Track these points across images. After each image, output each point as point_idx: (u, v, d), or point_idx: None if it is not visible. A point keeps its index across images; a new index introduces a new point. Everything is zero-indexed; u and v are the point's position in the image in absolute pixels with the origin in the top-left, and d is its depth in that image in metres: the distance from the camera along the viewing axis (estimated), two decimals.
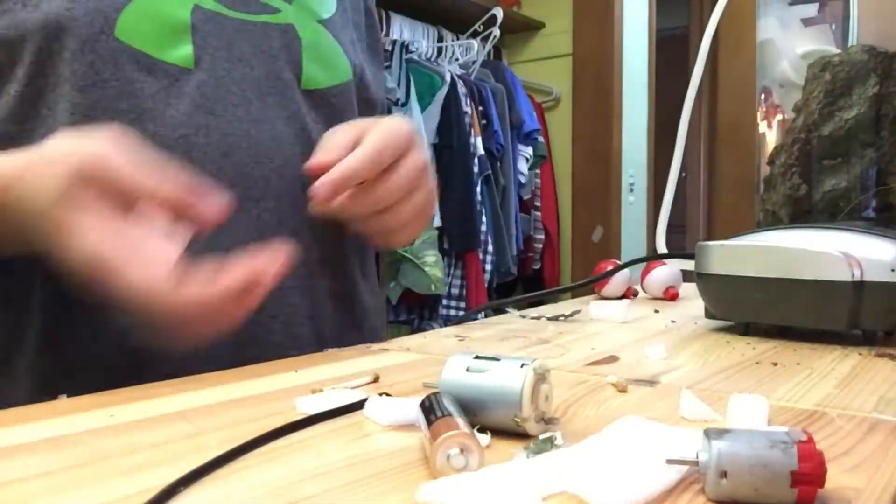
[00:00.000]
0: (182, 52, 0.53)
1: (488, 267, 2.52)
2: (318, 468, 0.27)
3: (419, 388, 0.39)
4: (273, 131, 0.56)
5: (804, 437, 0.24)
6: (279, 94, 0.57)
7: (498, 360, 0.31)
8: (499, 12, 2.73)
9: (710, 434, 0.25)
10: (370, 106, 0.68)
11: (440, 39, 2.64)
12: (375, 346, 0.53)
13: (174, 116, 0.52)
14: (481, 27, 2.74)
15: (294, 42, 0.59)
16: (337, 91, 0.62)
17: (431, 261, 2.02)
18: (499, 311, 0.70)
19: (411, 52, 2.48)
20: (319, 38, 0.61)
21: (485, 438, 0.30)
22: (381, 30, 2.44)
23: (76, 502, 0.24)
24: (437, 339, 0.56)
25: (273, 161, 0.56)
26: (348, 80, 0.63)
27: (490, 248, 2.53)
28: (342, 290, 0.61)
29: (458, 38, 2.71)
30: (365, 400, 0.35)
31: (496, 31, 2.74)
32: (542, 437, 0.29)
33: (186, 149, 0.52)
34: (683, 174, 4.17)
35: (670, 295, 0.79)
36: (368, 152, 0.50)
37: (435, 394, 0.30)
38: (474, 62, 2.74)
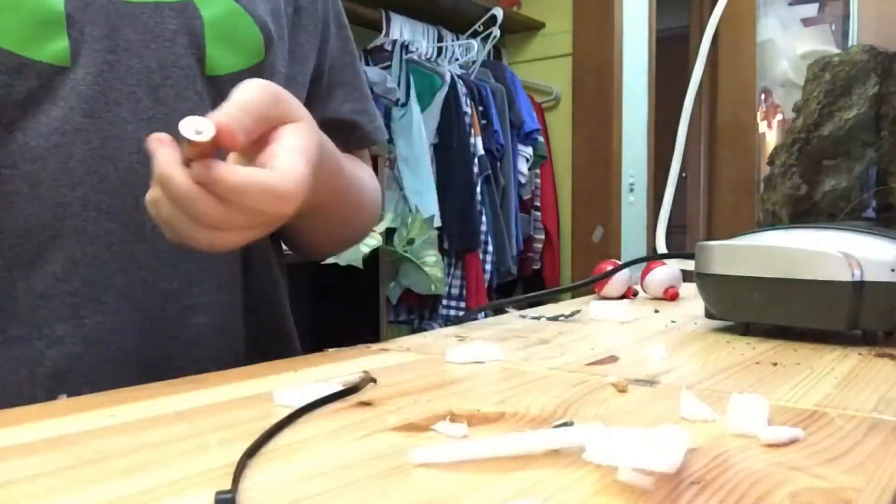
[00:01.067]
0: (56, 48, 0.46)
1: (488, 267, 2.52)
2: (319, 468, 0.27)
3: (419, 388, 0.39)
4: (168, 130, 0.46)
5: None
6: (176, 86, 0.50)
7: None
8: (499, 12, 2.73)
9: None
10: (293, 84, 0.59)
11: (440, 39, 2.64)
12: (375, 346, 0.53)
13: (46, 123, 0.46)
14: (481, 27, 2.74)
15: (194, 21, 0.51)
16: (246, 76, 0.54)
17: (431, 261, 2.02)
18: (499, 311, 0.70)
19: (411, 52, 2.48)
20: (227, 13, 0.52)
21: (461, 429, 0.30)
22: (382, 30, 2.45)
23: (76, 502, 0.24)
24: (437, 339, 0.56)
25: None
26: (259, 61, 0.54)
27: (490, 248, 2.53)
28: (256, 302, 0.57)
29: (458, 38, 2.71)
30: (353, 389, 0.35)
31: (496, 31, 2.74)
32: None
33: (62, 159, 0.46)
34: (683, 174, 4.17)
35: (670, 295, 0.79)
36: (293, 190, 0.40)
37: None
38: (474, 62, 2.74)
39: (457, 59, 2.68)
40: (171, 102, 0.50)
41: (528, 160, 2.80)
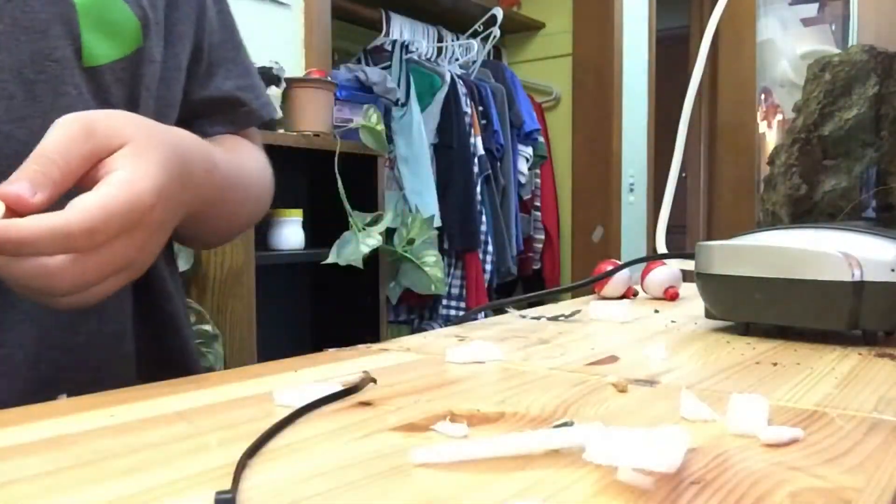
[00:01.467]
0: None
1: (488, 267, 2.52)
2: (319, 468, 0.27)
3: (419, 388, 0.39)
4: (46, 128, 0.42)
5: None
6: (52, 80, 0.46)
7: None
8: (499, 12, 2.73)
9: None
10: (168, 68, 0.56)
11: (440, 39, 2.64)
12: (375, 346, 0.53)
13: None
14: (481, 27, 2.74)
15: (67, 8, 0.47)
16: (125, 65, 0.50)
17: (431, 261, 2.02)
18: (499, 311, 0.70)
19: (411, 52, 2.48)
20: (99, 0, 0.48)
21: (462, 429, 0.30)
22: (382, 30, 2.45)
23: (76, 502, 0.24)
24: (437, 339, 0.56)
25: None
26: (137, 48, 0.51)
27: (490, 248, 2.53)
28: (148, 309, 0.56)
29: (458, 38, 2.71)
30: (353, 388, 0.35)
31: (496, 31, 2.74)
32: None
33: None
34: (683, 174, 4.18)
35: (670, 295, 0.79)
36: (88, 225, 0.36)
37: None
38: (474, 62, 2.74)
39: (457, 59, 2.68)
40: (48, 98, 0.46)
41: (528, 160, 2.80)
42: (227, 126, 0.63)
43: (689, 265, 0.64)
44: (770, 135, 0.75)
